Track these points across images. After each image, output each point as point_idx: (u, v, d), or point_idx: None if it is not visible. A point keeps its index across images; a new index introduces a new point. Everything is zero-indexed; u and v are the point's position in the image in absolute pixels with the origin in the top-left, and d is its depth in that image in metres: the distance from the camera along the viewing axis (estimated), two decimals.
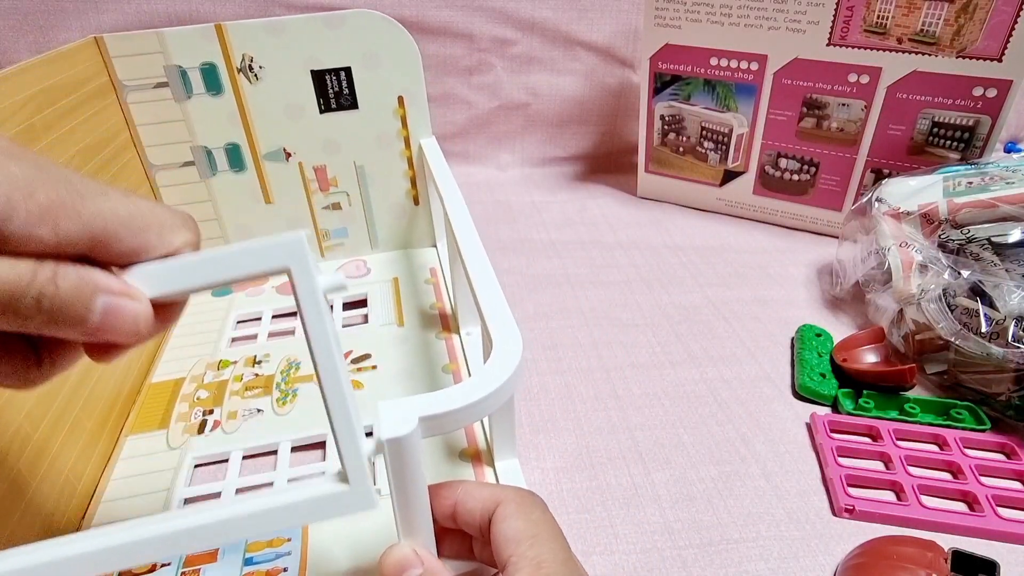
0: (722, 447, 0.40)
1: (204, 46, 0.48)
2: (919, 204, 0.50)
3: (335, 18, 0.48)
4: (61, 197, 0.18)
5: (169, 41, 0.47)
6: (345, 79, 0.51)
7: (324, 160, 0.54)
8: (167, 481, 0.38)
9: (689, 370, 0.46)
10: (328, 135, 0.53)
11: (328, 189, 0.55)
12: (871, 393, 0.43)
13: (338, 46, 0.50)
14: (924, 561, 0.30)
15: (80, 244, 0.19)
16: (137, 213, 0.20)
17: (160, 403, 0.43)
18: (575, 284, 0.57)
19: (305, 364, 0.46)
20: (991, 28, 0.52)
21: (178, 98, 0.49)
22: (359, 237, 0.58)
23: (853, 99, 0.60)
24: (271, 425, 0.41)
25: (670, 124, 0.71)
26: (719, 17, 0.63)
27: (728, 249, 0.64)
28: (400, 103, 0.52)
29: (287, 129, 0.52)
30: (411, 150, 0.55)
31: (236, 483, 0.38)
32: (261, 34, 0.48)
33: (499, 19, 0.75)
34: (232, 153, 0.52)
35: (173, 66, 0.48)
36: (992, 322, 0.40)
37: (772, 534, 0.34)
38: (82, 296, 0.19)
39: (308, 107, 0.51)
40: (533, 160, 0.85)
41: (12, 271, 0.18)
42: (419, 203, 0.57)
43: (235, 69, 0.49)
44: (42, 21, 0.65)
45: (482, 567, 0.29)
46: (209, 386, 0.44)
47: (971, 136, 0.57)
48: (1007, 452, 0.39)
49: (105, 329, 0.20)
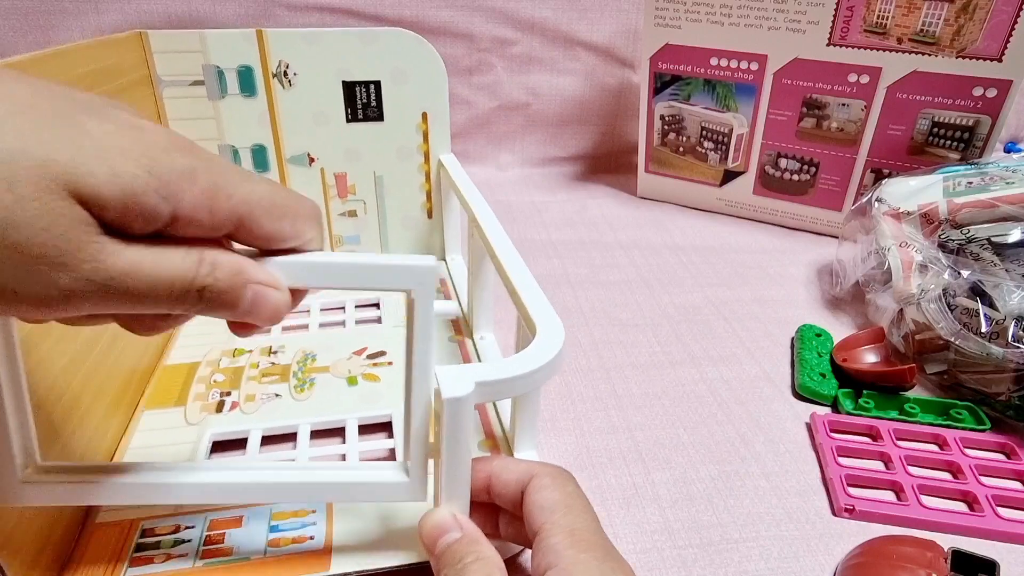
0: (722, 447, 0.40)
1: (243, 49, 0.50)
2: (919, 204, 0.50)
3: (369, 34, 0.51)
4: (216, 182, 0.20)
5: (210, 42, 0.49)
6: (374, 92, 0.53)
7: (345, 168, 0.55)
8: (186, 454, 0.38)
9: (689, 370, 0.46)
10: (352, 144, 0.54)
11: (346, 196, 0.56)
12: (871, 393, 0.43)
13: (370, 60, 0.52)
14: (924, 561, 0.30)
15: (227, 226, 0.21)
16: (279, 201, 0.22)
17: (176, 383, 0.43)
18: (575, 284, 0.57)
19: (321, 356, 0.46)
20: (991, 28, 0.52)
21: (212, 96, 0.51)
22: (371, 245, 0.59)
23: (853, 99, 0.60)
24: (290, 408, 0.42)
25: (670, 124, 0.71)
26: (719, 17, 0.63)
27: (728, 249, 0.64)
28: (424, 119, 0.54)
29: (313, 135, 0.53)
30: (429, 164, 0.56)
31: (258, 459, 0.38)
32: (299, 42, 0.50)
33: (499, 19, 0.76)
34: (258, 154, 0.53)
35: (211, 65, 0.50)
36: (992, 322, 0.40)
37: (772, 534, 0.34)
38: (235, 286, 0.21)
39: (336, 116, 0.53)
40: (533, 160, 0.85)
41: (183, 263, 0.20)
42: (432, 216, 0.59)
43: (270, 73, 0.51)
44: (42, 21, 0.65)
45: (505, 544, 0.30)
46: (225, 370, 0.45)
47: (971, 136, 0.57)
48: (1007, 452, 0.39)
49: (251, 314, 0.22)
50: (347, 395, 0.43)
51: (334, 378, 0.44)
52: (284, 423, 0.40)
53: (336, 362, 0.46)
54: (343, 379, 0.44)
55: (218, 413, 0.41)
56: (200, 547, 0.31)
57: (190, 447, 0.38)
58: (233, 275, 0.21)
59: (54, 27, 0.65)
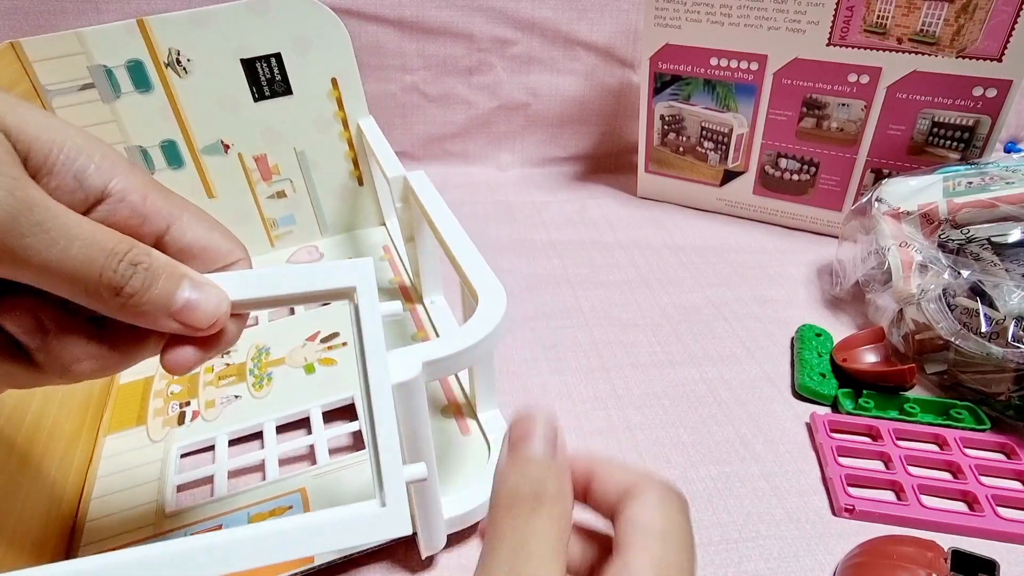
0: (722, 447, 0.40)
1: (128, 43, 0.47)
2: (919, 204, 0.50)
3: (259, 4, 0.48)
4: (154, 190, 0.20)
5: (90, 40, 0.46)
6: (276, 65, 0.50)
7: (264, 149, 0.53)
8: (156, 472, 0.37)
9: (689, 370, 0.46)
10: (265, 123, 0.52)
11: (271, 178, 0.55)
12: (871, 393, 0.43)
13: (266, 32, 0.49)
14: (924, 561, 0.30)
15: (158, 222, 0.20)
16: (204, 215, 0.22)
17: (133, 402, 0.43)
18: (575, 284, 0.57)
19: (275, 349, 0.46)
20: (991, 28, 0.52)
21: (106, 99, 0.48)
22: (307, 223, 0.57)
23: (853, 99, 0.60)
24: (251, 408, 0.41)
25: (670, 124, 0.71)
26: (719, 17, 0.63)
27: (728, 249, 0.64)
28: (335, 85, 0.52)
29: (223, 121, 0.51)
30: (350, 131, 0.54)
31: (227, 465, 0.38)
32: (186, 26, 0.47)
33: (499, 19, 0.76)
34: (168, 150, 0.51)
35: (98, 66, 0.47)
36: (992, 322, 0.40)
37: (772, 534, 0.34)
38: (172, 277, 0.20)
39: (242, 97, 0.51)
40: (533, 160, 0.85)
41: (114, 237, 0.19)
42: (363, 183, 0.57)
43: (163, 64, 0.48)
44: (42, 21, 0.65)
45: None
46: (180, 380, 0.44)
47: (971, 136, 0.57)
48: (1007, 452, 0.39)
49: (190, 310, 0.20)
50: (306, 384, 0.42)
51: (291, 369, 0.44)
52: (248, 424, 0.40)
53: (291, 352, 0.46)
54: (300, 368, 0.44)
55: (180, 426, 0.40)
56: None
57: (158, 465, 0.38)
58: (168, 264, 0.20)
59: (54, 27, 0.65)
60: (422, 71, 0.76)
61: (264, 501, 0.35)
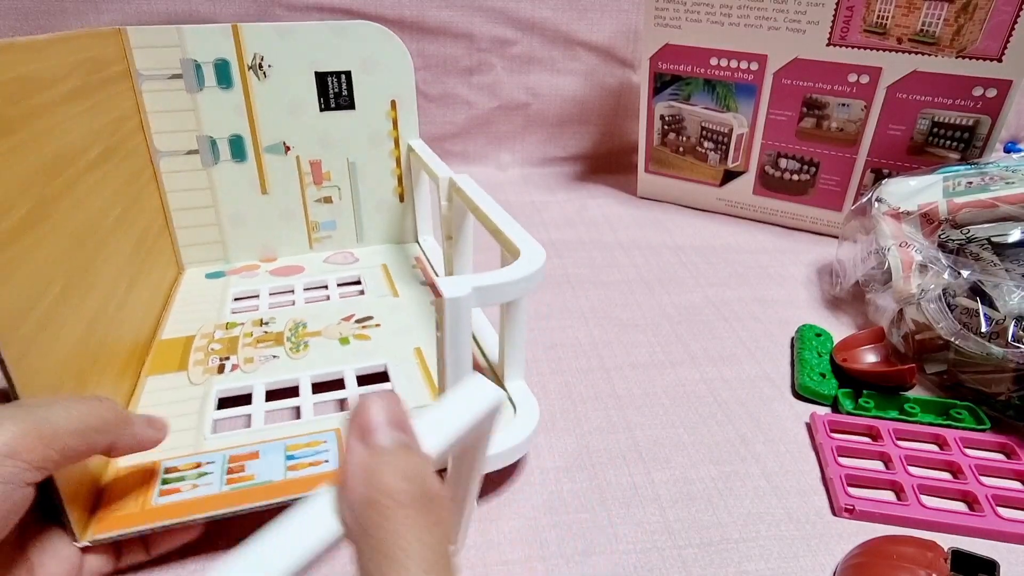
0: (722, 447, 0.40)
1: (220, 43, 0.51)
2: (919, 204, 0.50)
3: (339, 27, 0.53)
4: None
5: (188, 36, 0.51)
6: (345, 81, 0.55)
7: (320, 155, 0.57)
8: (195, 407, 0.39)
9: (689, 370, 0.46)
10: (325, 132, 0.56)
11: (322, 183, 0.58)
12: (871, 393, 0.43)
13: (341, 51, 0.54)
14: (924, 561, 0.30)
15: None
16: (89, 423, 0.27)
17: (175, 353, 0.45)
18: (575, 284, 0.57)
19: (311, 323, 0.48)
20: (991, 28, 0.52)
21: (190, 89, 0.52)
22: (347, 230, 0.61)
23: (853, 99, 0.60)
24: (288, 366, 0.43)
25: (670, 124, 0.71)
26: (719, 17, 0.63)
27: (728, 249, 0.64)
28: (393, 106, 0.57)
29: (288, 124, 0.55)
30: (400, 150, 0.59)
31: (264, 407, 0.39)
32: (272, 36, 0.52)
33: (499, 19, 0.76)
34: (235, 144, 0.55)
35: (188, 59, 0.51)
36: (992, 322, 0.40)
37: (772, 534, 0.34)
38: None
39: (310, 105, 0.55)
40: (533, 160, 0.85)
41: None
42: (404, 200, 0.61)
43: (246, 66, 0.53)
44: (42, 21, 0.65)
45: None
46: (221, 340, 0.46)
47: (971, 136, 0.57)
48: (1007, 452, 0.39)
49: None
50: (341, 352, 0.45)
51: (327, 340, 0.46)
52: (285, 377, 0.42)
53: (327, 327, 0.48)
54: (335, 340, 0.46)
55: (220, 374, 0.42)
56: (224, 476, 0.33)
57: (197, 403, 0.40)
58: None
59: (54, 27, 0.65)
60: (422, 71, 0.76)
61: (300, 435, 0.36)
